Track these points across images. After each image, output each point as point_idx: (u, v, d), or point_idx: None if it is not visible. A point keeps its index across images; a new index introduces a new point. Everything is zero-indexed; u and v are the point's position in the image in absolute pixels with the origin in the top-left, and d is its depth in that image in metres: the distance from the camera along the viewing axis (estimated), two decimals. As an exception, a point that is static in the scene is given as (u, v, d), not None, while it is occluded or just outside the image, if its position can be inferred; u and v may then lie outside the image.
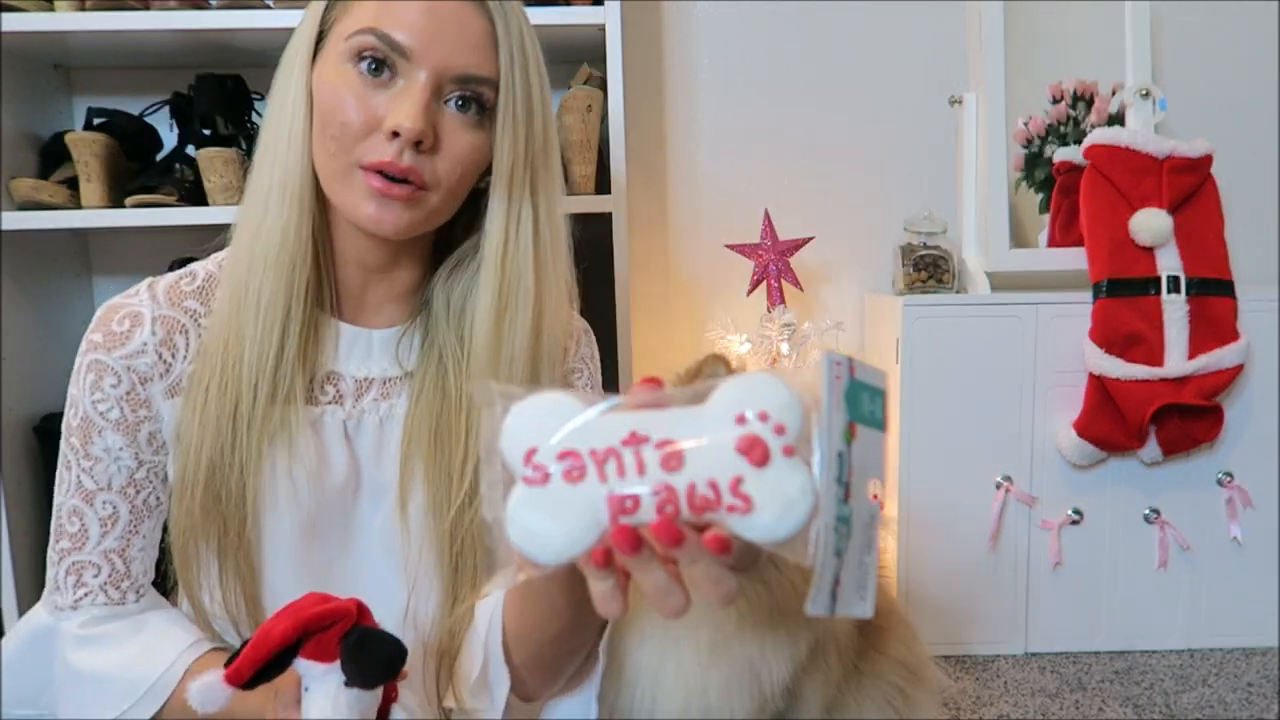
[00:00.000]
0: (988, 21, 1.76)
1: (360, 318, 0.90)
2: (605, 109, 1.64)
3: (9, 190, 1.58)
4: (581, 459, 0.48)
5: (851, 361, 0.50)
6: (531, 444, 0.49)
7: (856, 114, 1.99)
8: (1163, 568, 1.71)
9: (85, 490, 0.83)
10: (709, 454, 0.47)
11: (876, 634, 0.95)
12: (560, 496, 0.48)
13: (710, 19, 1.96)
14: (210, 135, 1.65)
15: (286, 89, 0.81)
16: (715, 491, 0.47)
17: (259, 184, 0.82)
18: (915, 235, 1.81)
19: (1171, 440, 1.64)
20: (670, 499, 0.47)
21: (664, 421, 0.49)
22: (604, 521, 0.48)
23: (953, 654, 1.73)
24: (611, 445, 0.48)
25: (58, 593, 0.84)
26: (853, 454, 0.49)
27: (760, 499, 0.47)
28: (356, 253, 0.87)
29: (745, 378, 0.50)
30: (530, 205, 0.84)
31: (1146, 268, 1.63)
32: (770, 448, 0.47)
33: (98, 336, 0.83)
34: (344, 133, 0.78)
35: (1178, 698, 1.55)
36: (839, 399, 0.48)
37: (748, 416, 0.48)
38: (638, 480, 0.47)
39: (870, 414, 0.51)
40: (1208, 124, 1.92)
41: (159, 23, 1.53)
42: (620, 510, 0.47)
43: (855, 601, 0.50)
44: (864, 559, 0.50)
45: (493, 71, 0.80)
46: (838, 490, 0.48)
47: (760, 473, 0.47)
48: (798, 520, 0.47)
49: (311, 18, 0.82)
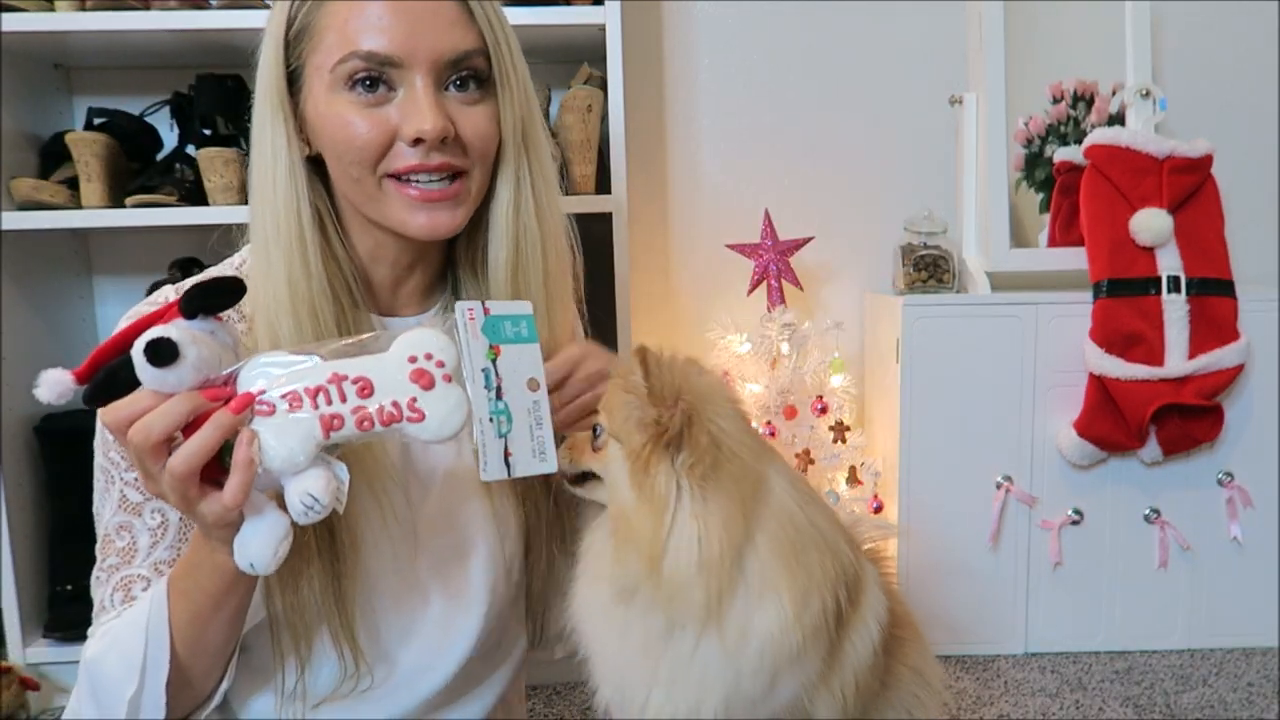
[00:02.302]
0: (988, 21, 1.76)
1: (395, 309, 0.92)
2: (605, 109, 1.64)
3: (9, 190, 1.58)
4: (298, 394, 0.65)
5: (485, 304, 0.77)
6: (261, 386, 0.65)
7: (856, 114, 1.99)
8: (1163, 568, 1.71)
9: (131, 503, 0.83)
10: (391, 384, 0.67)
11: (898, 646, 0.94)
12: (285, 423, 0.64)
13: (710, 19, 1.96)
14: (210, 135, 1.65)
15: (263, 133, 0.81)
16: (398, 409, 0.66)
17: (257, 234, 0.82)
18: (915, 235, 1.81)
19: (1172, 440, 1.64)
20: (365, 416, 0.66)
21: (357, 365, 0.67)
22: (319, 436, 0.65)
23: (953, 654, 1.73)
24: (320, 384, 0.65)
25: (105, 613, 0.82)
26: (500, 366, 0.76)
27: (429, 411, 0.67)
28: (388, 256, 0.88)
29: (414, 331, 0.69)
30: (526, 160, 0.86)
31: (1147, 268, 1.63)
32: (434, 376, 0.68)
33: None
34: (364, 155, 0.78)
35: (1178, 698, 1.55)
36: (475, 332, 0.75)
37: (417, 356, 0.68)
38: (341, 405, 0.65)
39: (515, 334, 0.77)
40: (1208, 124, 1.92)
41: (159, 23, 1.53)
42: (330, 427, 0.65)
43: (534, 464, 0.76)
44: (535, 433, 0.76)
45: (478, 41, 0.81)
46: (488, 394, 0.74)
47: (428, 394, 0.67)
48: (456, 422, 0.68)
49: (272, 57, 0.80)
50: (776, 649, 0.77)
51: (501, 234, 0.87)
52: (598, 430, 0.83)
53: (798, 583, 0.78)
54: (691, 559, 0.74)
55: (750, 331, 1.80)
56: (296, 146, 0.81)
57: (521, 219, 0.87)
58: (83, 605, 1.67)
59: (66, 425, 1.65)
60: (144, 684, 0.75)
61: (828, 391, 1.76)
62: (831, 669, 0.82)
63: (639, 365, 0.77)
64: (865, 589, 0.87)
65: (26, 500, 1.65)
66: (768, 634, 0.77)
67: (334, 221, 0.86)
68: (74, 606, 1.64)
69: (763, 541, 0.78)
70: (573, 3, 1.62)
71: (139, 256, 1.85)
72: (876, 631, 0.85)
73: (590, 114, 1.64)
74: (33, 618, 1.64)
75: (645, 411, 0.77)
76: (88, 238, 1.84)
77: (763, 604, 0.77)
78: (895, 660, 0.93)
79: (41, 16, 1.53)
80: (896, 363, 1.69)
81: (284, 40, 0.80)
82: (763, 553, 0.77)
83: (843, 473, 1.77)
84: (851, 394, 1.78)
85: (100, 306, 1.87)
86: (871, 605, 0.86)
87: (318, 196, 0.84)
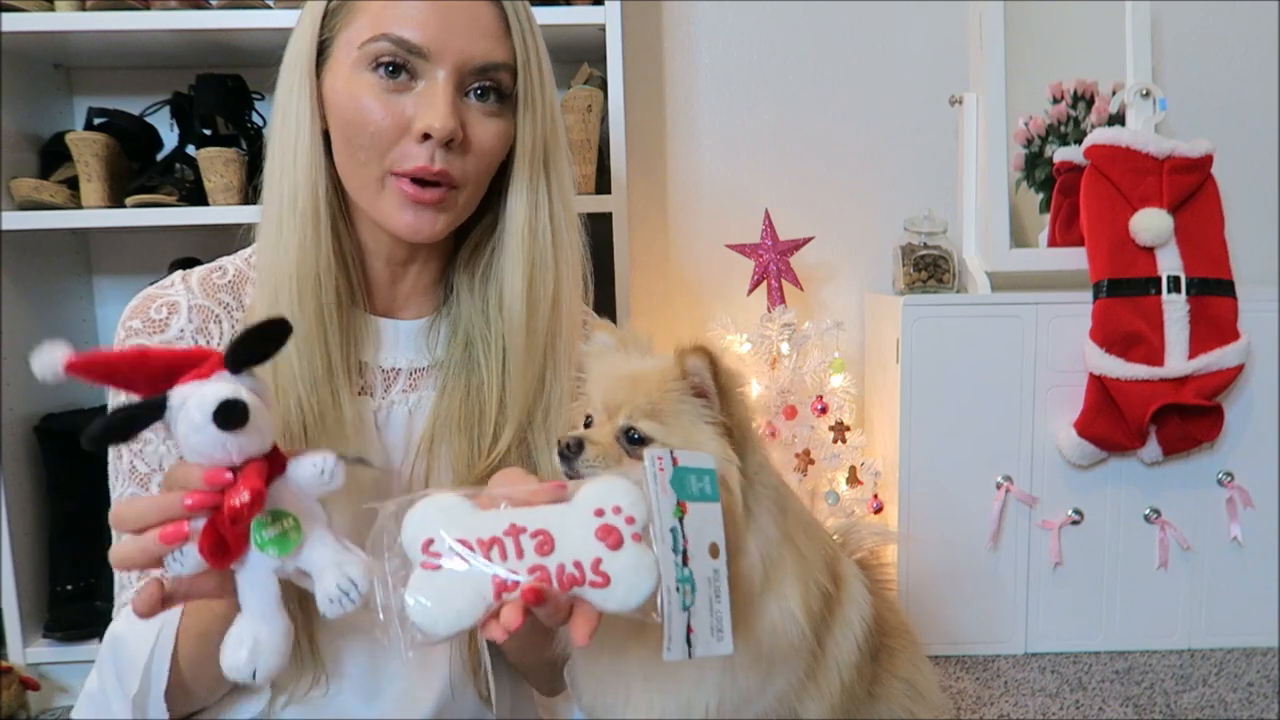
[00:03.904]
0: (988, 21, 1.76)
1: (390, 310, 0.91)
2: (605, 109, 1.64)
3: (9, 190, 1.58)
4: (471, 547, 0.58)
5: (673, 453, 0.64)
6: (428, 536, 0.58)
7: (856, 114, 1.99)
8: (1163, 568, 1.71)
9: (140, 475, 0.83)
10: (574, 541, 0.59)
11: (889, 657, 0.93)
12: (453, 579, 0.57)
13: (710, 19, 1.96)
14: (211, 135, 1.66)
15: (289, 102, 0.81)
16: (580, 571, 0.58)
17: (271, 203, 0.82)
18: (915, 235, 1.81)
19: (1172, 440, 1.64)
20: (544, 577, 0.58)
21: (538, 516, 0.60)
22: (489, 598, 0.57)
23: (953, 654, 1.73)
24: (495, 535, 0.58)
25: (125, 590, 0.83)
26: (686, 526, 0.62)
27: (616, 576, 0.59)
28: (383, 250, 0.88)
29: (602, 480, 0.62)
30: (545, 181, 0.86)
31: (1147, 268, 1.63)
32: (623, 534, 0.59)
33: (136, 323, 0.83)
34: (375, 141, 0.78)
35: (1178, 698, 1.55)
36: (665, 486, 0.62)
37: (604, 510, 0.60)
38: (517, 563, 0.58)
39: (699, 491, 0.64)
40: (1208, 124, 1.92)
41: (159, 23, 1.54)
42: (503, 589, 0.57)
43: (713, 644, 0.63)
44: (715, 607, 0.63)
45: (508, 56, 0.81)
46: (675, 559, 0.61)
47: (615, 555, 0.59)
48: (646, 590, 0.59)
49: (309, 27, 0.81)
50: (779, 638, 0.75)
51: (515, 255, 0.85)
52: (634, 436, 0.76)
53: (799, 568, 0.76)
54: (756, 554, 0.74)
55: (750, 331, 1.80)
56: (318, 120, 0.81)
57: (537, 241, 0.85)
58: (83, 605, 1.69)
59: (66, 425, 1.65)
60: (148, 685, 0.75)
61: (828, 391, 1.76)
62: (817, 663, 0.82)
63: (708, 367, 0.73)
64: (846, 581, 0.86)
65: (26, 500, 1.65)
66: (771, 623, 0.75)
67: (341, 204, 0.85)
68: (74, 606, 1.64)
69: (768, 524, 0.76)
70: (573, 3, 1.62)
71: (139, 256, 1.85)
72: (859, 626, 0.84)
73: (590, 114, 1.64)
74: (33, 618, 1.64)
75: (715, 415, 0.74)
76: (88, 238, 1.84)
77: (768, 591, 0.75)
78: (884, 670, 0.92)
79: (41, 16, 1.53)
80: (896, 363, 1.69)
81: (324, 11, 0.80)
82: (771, 536, 0.76)
83: (843, 473, 1.77)
84: (851, 394, 1.78)
85: (100, 306, 1.87)
86: (854, 599, 0.85)
87: (330, 175, 0.83)
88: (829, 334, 1.78)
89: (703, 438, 0.74)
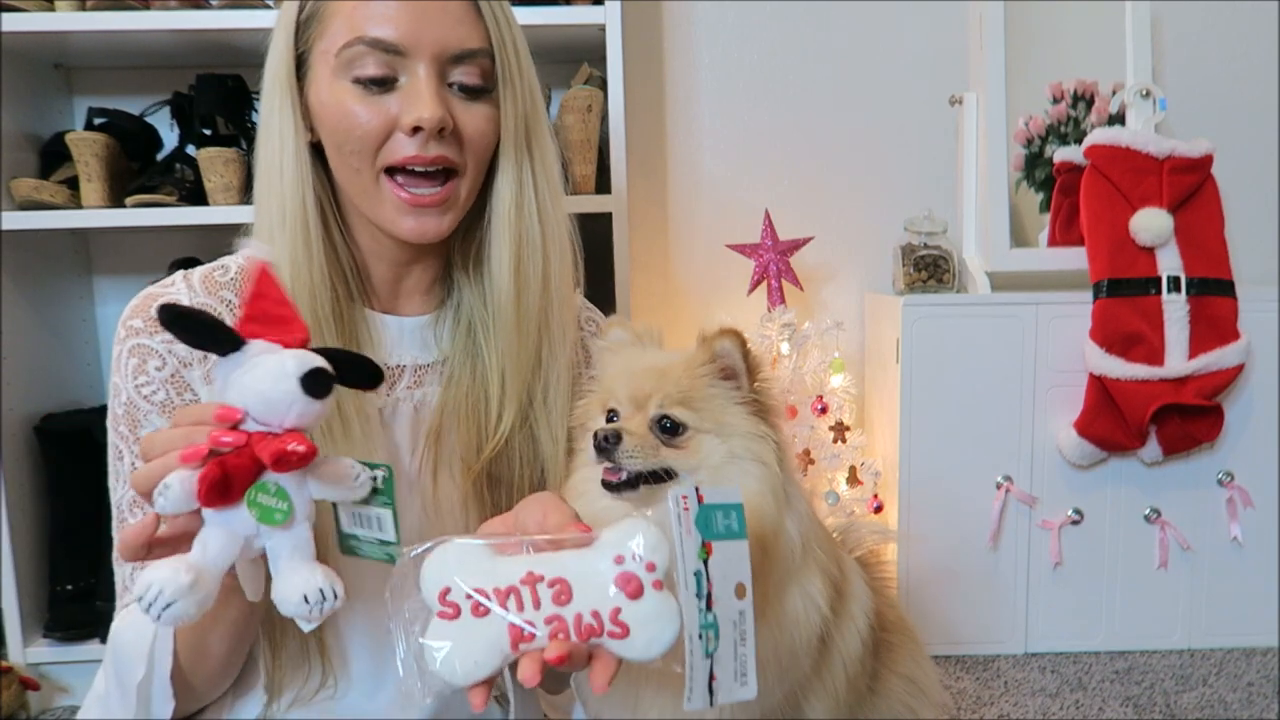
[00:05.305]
0: (988, 21, 1.76)
1: (394, 307, 0.92)
2: (605, 109, 1.64)
3: (9, 190, 1.58)
4: (487, 596, 0.57)
5: (698, 490, 0.60)
6: (445, 584, 0.57)
7: (856, 114, 1.99)
8: (1163, 568, 1.71)
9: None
10: (593, 589, 0.57)
11: (888, 652, 0.94)
12: (470, 628, 0.56)
13: (710, 19, 1.96)
14: (211, 135, 1.66)
15: (271, 119, 0.82)
16: (598, 621, 0.57)
17: (261, 219, 0.82)
18: (915, 235, 1.81)
19: (1172, 440, 1.64)
20: (561, 628, 0.56)
21: (556, 563, 0.58)
22: (506, 649, 0.56)
23: (953, 654, 1.73)
24: (512, 584, 0.57)
25: (127, 593, 0.82)
26: (711, 568, 0.59)
27: (635, 626, 0.57)
28: (386, 253, 0.88)
29: (625, 525, 0.59)
30: (530, 159, 0.86)
31: (1147, 268, 1.63)
32: (643, 582, 0.57)
33: (138, 322, 0.83)
34: (363, 144, 0.79)
35: (1178, 698, 1.55)
36: (689, 527, 0.58)
37: (624, 556, 0.58)
38: (534, 613, 0.56)
39: (726, 529, 0.60)
40: (1208, 124, 1.92)
41: (159, 23, 1.54)
42: (520, 639, 0.56)
43: (736, 689, 0.60)
44: (739, 650, 0.60)
45: (484, 40, 0.81)
46: (699, 604, 0.58)
47: (635, 604, 0.57)
48: (667, 640, 0.57)
49: (284, 43, 0.81)
50: (801, 629, 0.76)
51: (503, 234, 0.86)
52: (667, 425, 0.77)
53: (819, 560, 0.77)
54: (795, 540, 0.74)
55: (750, 331, 1.80)
56: (303, 133, 0.82)
57: (524, 220, 0.86)
58: (83, 605, 1.69)
59: (66, 425, 1.65)
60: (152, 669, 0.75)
61: (828, 391, 1.76)
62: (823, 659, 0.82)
63: (738, 348, 0.76)
64: (849, 577, 0.86)
65: (26, 500, 1.65)
66: (795, 614, 0.75)
67: (335, 212, 0.86)
68: (74, 606, 1.64)
69: (800, 504, 0.78)
70: (573, 3, 1.62)
71: (139, 256, 1.85)
72: (862, 620, 0.85)
73: (590, 114, 1.64)
74: (33, 618, 1.64)
75: (745, 394, 0.76)
76: (88, 238, 1.84)
77: (792, 580, 0.75)
78: (885, 667, 0.92)
79: (41, 16, 1.53)
80: (896, 363, 1.69)
81: (295, 24, 0.81)
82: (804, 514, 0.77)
83: (843, 473, 1.77)
84: (851, 394, 1.78)
85: (100, 306, 1.87)
86: (856, 596, 0.86)
87: (321, 186, 0.84)
88: (829, 334, 1.78)
89: (735, 417, 0.75)
